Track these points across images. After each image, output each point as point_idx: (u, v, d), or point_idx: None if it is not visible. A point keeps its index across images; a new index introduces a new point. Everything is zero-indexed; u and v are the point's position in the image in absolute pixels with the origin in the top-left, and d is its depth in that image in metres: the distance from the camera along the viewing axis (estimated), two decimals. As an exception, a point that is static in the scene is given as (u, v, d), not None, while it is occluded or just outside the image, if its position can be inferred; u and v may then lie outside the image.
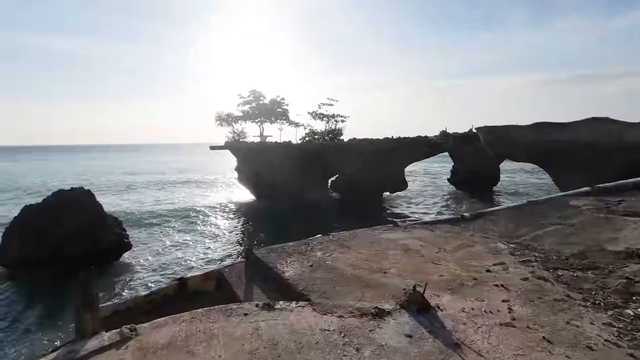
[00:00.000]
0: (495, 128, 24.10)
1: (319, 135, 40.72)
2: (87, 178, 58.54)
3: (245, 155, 37.87)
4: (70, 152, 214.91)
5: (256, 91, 38.20)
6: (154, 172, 68.32)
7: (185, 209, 32.54)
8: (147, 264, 18.96)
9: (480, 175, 39.52)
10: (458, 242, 5.59)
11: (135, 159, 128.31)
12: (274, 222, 24.92)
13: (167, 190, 44.03)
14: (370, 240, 5.76)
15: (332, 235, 6.07)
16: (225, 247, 19.80)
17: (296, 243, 5.73)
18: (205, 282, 4.90)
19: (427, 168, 65.89)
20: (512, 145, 22.96)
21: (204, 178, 62.14)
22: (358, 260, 4.89)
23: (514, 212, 6.87)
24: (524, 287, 3.78)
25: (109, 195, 40.59)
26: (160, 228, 25.14)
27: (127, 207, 33.16)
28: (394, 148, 33.37)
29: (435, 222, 6.80)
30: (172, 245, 21.37)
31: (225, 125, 40.24)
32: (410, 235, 6.04)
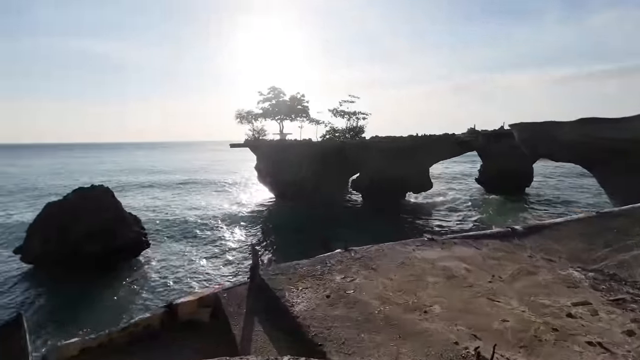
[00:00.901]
0: (533, 125, 22.05)
1: (340, 132, 39.59)
2: (108, 178, 60.52)
3: (265, 153, 37.35)
4: (99, 150, 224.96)
5: (276, 88, 37.56)
6: (175, 171, 69.49)
7: (203, 208, 32.41)
8: (164, 263, 18.63)
9: (511, 175, 36.99)
10: (515, 265, 4.42)
11: (159, 157, 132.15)
12: (291, 227, 23.98)
13: (186, 189, 44.27)
14: (401, 260, 4.69)
15: (354, 252, 5.06)
16: (238, 253, 19.17)
17: (311, 261, 4.76)
18: (199, 309, 4.02)
19: (447, 168, 62.68)
20: (553, 143, 20.88)
21: (223, 177, 62.59)
22: (388, 289, 3.85)
23: (581, 226, 5.57)
24: (634, 349, 2.62)
25: (129, 193, 41.38)
26: (179, 227, 24.95)
27: (146, 206, 33.49)
28: (419, 146, 31.69)
29: (480, 237, 5.62)
30: (188, 246, 21.05)
31: (245, 122, 39.93)
32: (450, 254, 4.92)
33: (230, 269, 16.54)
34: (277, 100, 37.59)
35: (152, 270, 17.21)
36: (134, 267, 17.67)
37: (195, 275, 16.18)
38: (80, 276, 16.12)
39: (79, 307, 13.69)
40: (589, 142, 19.63)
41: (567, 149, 21.01)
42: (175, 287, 15.10)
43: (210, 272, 16.52)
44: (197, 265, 17.84)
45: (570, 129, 20.08)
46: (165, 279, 16.07)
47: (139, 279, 16.10)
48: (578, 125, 19.45)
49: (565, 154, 21.33)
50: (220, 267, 17.03)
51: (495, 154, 36.99)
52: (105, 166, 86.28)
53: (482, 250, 5.04)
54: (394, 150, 31.93)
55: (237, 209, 31.06)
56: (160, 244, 21.29)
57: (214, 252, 19.69)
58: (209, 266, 17.15)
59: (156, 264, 18.00)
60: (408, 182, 33.62)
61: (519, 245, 5.19)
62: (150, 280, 16.05)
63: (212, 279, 15.32)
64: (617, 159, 18.44)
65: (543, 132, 21.49)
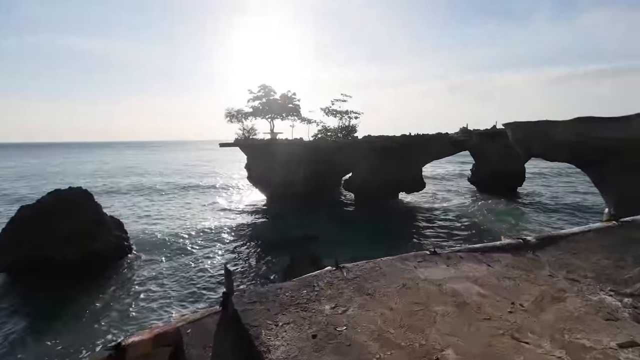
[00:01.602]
0: (527, 124, 21.70)
1: (332, 132, 38.95)
2: (88, 180, 58.61)
3: (255, 153, 36.46)
4: (89, 149, 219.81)
5: (266, 86, 36.69)
6: (162, 172, 67.65)
7: (189, 212, 31.35)
8: (146, 271, 17.70)
9: (504, 175, 36.88)
10: (535, 287, 3.76)
11: (147, 157, 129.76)
12: (279, 233, 23.01)
13: (172, 192, 42.80)
14: (402, 282, 3.99)
15: (346, 270, 4.34)
16: (220, 264, 18.15)
17: (296, 283, 4.03)
18: (156, 350, 3.24)
19: (438, 169, 62.45)
20: (547, 143, 20.55)
21: (210, 178, 61.40)
22: (388, 323, 3.14)
23: (601, 237, 4.95)
24: None
25: (112, 195, 39.93)
26: (162, 233, 23.90)
27: (130, 209, 32.23)
28: (412, 146, 31.23)
29: (489, 250, 4.97)
30: (172, 250, 20.11)
31: (235, 121, 38.97)
32: (458, 272, 4.24)
33: (212, 282, 15.59)
34: (268, 98, 36.72)
35: (132, 278, 16.27)
36: (113, 274, 16.70)
37: (178, 286, 15.22)
38: (55, 284, 15.15)
39: (52, 318, 12.75)
40: (583, 141, 19.35)
41: (562, 149, 20.71)
42: (156, 297, 14.21)
43: (195, 280, 15.62)
44: (180, 274, 16.94)
45: (565, 128, 19.79)
46: (146, 288, 15.16)
47: (118, 288, 15.16)
48: (573, 124, 19.15)
49: (559, 153, 21.04)
50: (203, 277, 16.09)
51: (488, 153, 36.83)
52: (93, 166, 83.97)
53: (495, 267, 4.38)
54: (386, 150, 31.41)
55: (225, 214, 29.96)
56: (142, 250, 20.30)
57: (198, 259, 18.77)
58: (193, 276, 16.22)
59: (137, 271, 17.06)
60: (401, 182, 33.19)
61: (534, 261, 4.54)
62: (130, 289, 15.13)
63: (196, 292, 14.41)
64: (612, 158, 18.19)
65: (537, 132, 21.16)
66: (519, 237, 5.28)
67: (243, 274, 15.81)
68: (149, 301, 13.71)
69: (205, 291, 14.40)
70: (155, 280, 15.95)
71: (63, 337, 11.38)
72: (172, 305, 13.23)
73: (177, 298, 13.86)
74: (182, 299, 13.75)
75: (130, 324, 11.94)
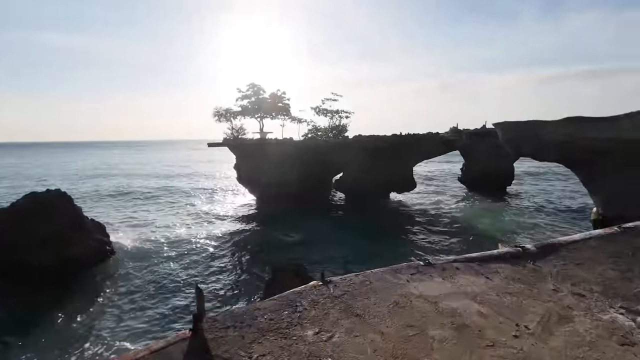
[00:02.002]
0: (517, 124, 21.67)
1: (322, 131, 38.54)
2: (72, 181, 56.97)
3: (244, 153, 35.80)
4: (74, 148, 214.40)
5: (255, 85, 36.02)
6: (149, 173, 65.93)
7: (176, 214, 30.51)
8: (125, 276, 16.93)
9: (494, 175, 37.09)
10: (539, 305, 3.43)
11: (135, 157, 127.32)
12: (266, 239, 21.81)
13: (158, 193, 41.58)
14: (393, 300, 3.61)
15: (333, 286, 3.94)
16: (206, 271, 17.01)
17: (277, 302, 3.61)
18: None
19: (427, 168, 62.33)
20: (537, 143, 20.55)
21: (200, 178, 60.43)
22: (379, 352, 2.75)
23: (604, 245, 4.67)
24: None
25: (96, 198, 38.69)
26: (145, 235, 23.09)
27: (114, 212, 31.16)
28: (403, 145, 31.06)
29: (487, 259, 4.63)
30: (154, 255, 19.34)
31: (224, 120, 38.18)
32: (455, 286, 3.89)
33: (192, 295, 14.75)
34: (257, 97, 36.07)
35: (109, 286, 15.51)
36: (90, 281, 15.94)
37: (155, 299, 14.23)
38: (28, 289, 14.35)
39: (21, 325, 12.00)
40: (572, 141, 19.39)
41: (551, 149, 20.74)
42: (130, 309, 13.51)
43: (174, 291, 14.88)
44: (159, 284, 16.21)
45: (554, 128, 19.81)
46: (122, 299, 14.45)
47: (93, 298, 14.39)
48: (562, 124, 19.18)
49: (549, 153, 21.07)
50: (183, 289, 15.13)
51: (478, 153, 36.97)
52: (77, 166, 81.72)
53: (494, 280, 4.03)
54: (377, 150, 31.17)
55: (211, 217, 28.93)
56: (125, 254, 19.54)
57: (181, 267, 18.01)
58: (172, 286, 15.36)
59: (116, 279, 16.30)
60: (392, 181, 33.01)
61: (535, 272, 4.21)
62: (106, 299, 14.37)
63: (173, 305, 13.69)
64: (601, 158, 18.29)
65: (527, 131, 21.16)
66: (517, 245, 4.97)
67: (223, 288, 14.77)
68: (123, 312, 12.91)
69: (182, 304, 13.57)
70: (132, 290, 14.99)
71: (29, 346, 10.72)
72: (144, 319, 12.47)
73: (152, 312, 12.94)
74: (157, 314, 12.75)
75: (101, 338, 11.28)
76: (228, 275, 16.47)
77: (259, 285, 14.08)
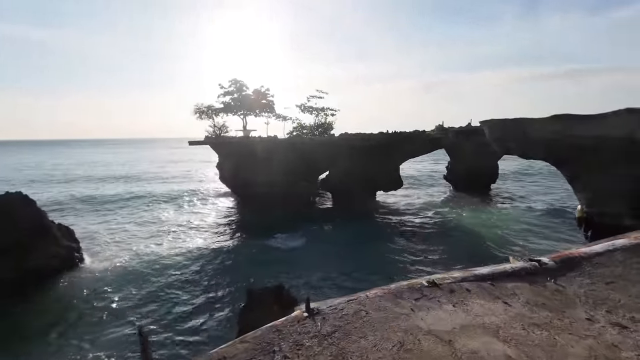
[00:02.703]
0: (505, 121, 21.47)
1: (308, 129, 37.68)
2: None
3: (227, 152, 34.54)
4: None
5: (237, 80, 34.73)
6: (126, 174, 62.68)
7: (157, 216, 28.91)
8: (93, 288, 15.46)
9: (479, 172, 37.21)
10: (577, 342, 2.75)
11: (121, 155, 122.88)
12: (247, 249, 19.89)
13: (134, 195, 38.97)
14: (397, 339, 2.86)
15: (320, 318, 3.17)
16: (178, 290, 14.86)
17: (249, 346, 2.80)
18: None
19: (412, 167, 61.99)
20: (526, 140, 20.39)
21: (180, 178, 58.55)
22: None
23: (633, 258, 4.07)
24: None
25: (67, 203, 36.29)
26: (123, 238, 21.68)
27: (85, 216, 29.08)
28: (390, 144, 30.59)
29: (499, 277, 3.96)
30: (133, 262, 18.07)
31: (206, 118, 36.72)
32: (470, 316, 3.18)
33: (160, 318, 12.75)
34: (240, 94, 34.81)
35: (74, 300, 14.12)
36: (54, 292, 14.54)
37: (119, 320, 12.61)
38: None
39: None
40: (559, 139, 19.29)
41: (538, 146, 20.64)
42: (103, 321, 12.33)
43: (141, 312, 13.39)
44: (135, 286, 15.05)
45: (542, 125, 19.67)
46: (92, 310, 13.22)
47: (55, 312, 13.01)
48: (549, 121, 19.06)
49: (536, 151, 20.97)
50: (150, 309, 13.41)
51: (463, 151, 36.96)
52: (41, 167, 77.37)
53: (514, 305, 3.35)
54: (364, 148, 30.59)
55: (190, 223, 26.64)
56: (96, 261, 18.18)
57: (154, 281, 16.67)
58: (142, 305, 13.75)
59: (82, 291, 14.93)
60: (378, 180, 32.54)
61: (560, 294, 3.56)
62: (68, 315, 12.96)
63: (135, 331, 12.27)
64: (587, 156, 18.26)
65: (514, 129, 20.99)
66: (532, 258, 4.32)
67: (185, 320, 12.52)
68: (83, 335, 11.61)
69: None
70: (98, 305, 13.60)
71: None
72: (102, 343, 11.19)
73: (113, 335, 11.71)
74: (115, 339, 11.53)
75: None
76: (196, 299, 14.07)
77: (231, 317, 12.01)
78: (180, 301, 14.01)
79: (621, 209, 19.58)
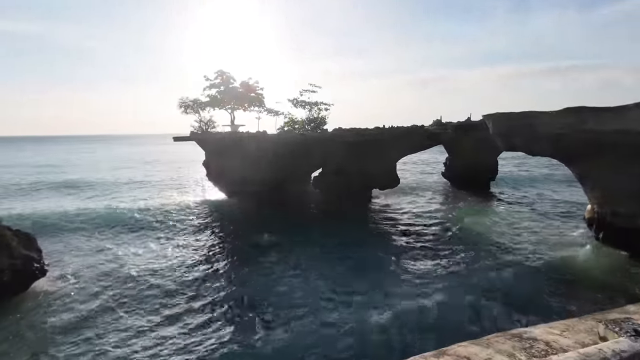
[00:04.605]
0: (510, 115, 19.84)
1: (300, 124, 35.78)
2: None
3: (214, 148, 32.57)
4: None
5: (224, 72, 32.62)
6: (98, 172, 57.80)
7: (133, 218, 26.28)
8: (66, 297, 13.82)
9: (479, 169, 35.73)
10: None
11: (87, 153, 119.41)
12: (231, 265, 17.27)
13: (112, 193, 36.38)
14: None
15: None
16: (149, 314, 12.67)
17: None
18: None
19: (407, 163, 58.99)
20: (532, 135, 18.81)
21: (163, 176, 56.34)
22: None
23: None
24: None
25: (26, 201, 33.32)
26: (90, 243, 19.65)
27: (51, 215, 26.19)
28: (386, 139, 28.88)
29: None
30: (102, 271, 16.23)
31: (191, 112, 34.65)
32: None
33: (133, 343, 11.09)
34: (226, 86, 32.74)
35: (40, 311, 12.31)
36: (12, 311, 12.69)
37: (84, 343, 11.09)
38: None
39: None
40: (569, 133, 17.74)
41: (545, 142, 19.07)
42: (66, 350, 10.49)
43: (109, 334, 11.54)
44: (106, 299, 13.24)
45: (551, 119, 18.07)
46: (60, 323, 11.39)
47: (13, 335, 11.18)
48: (560, 115, 17.47)
49: (543, 146, 19.40)
50: (119, 331, 11.74)
51: (462, 147, 35.40)
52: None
53: None
54: (358, 144, 28.83)
55: (172, 228, 23.98)
56: (61, 273, 16.29)
57: (134, 279, 15.05)
58: (109, 326, 11.89)
59: (51, 300, 13.13)
60: (374, 178, 30.86)
61: None
62: (33, 327, 11.19)
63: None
64: (601, 152, 16.75)
65: (520, 123, 19.38)
66: (623, 326, 2.60)
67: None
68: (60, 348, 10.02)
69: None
70: (72, 309, 12.15)
71: None
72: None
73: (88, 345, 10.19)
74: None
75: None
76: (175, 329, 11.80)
77: (215, 330, 10.59)
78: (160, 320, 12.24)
79: (636, 210, 18.08)
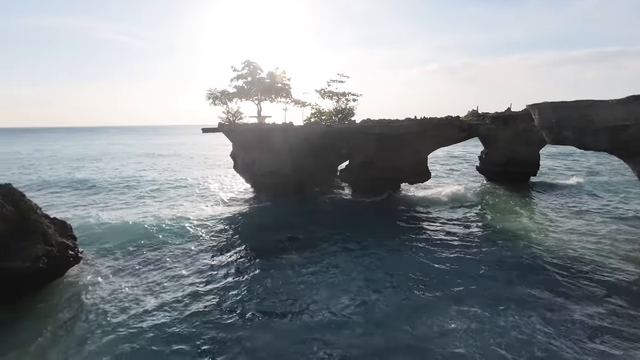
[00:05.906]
0: (561, 105, 17.85)
1: (327, 115, 34.88)
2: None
3: (241, 139, 32.51)
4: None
5: (251, 62, 32.25)
6: (123, 166, 56.12)
7: (161, 210, 26.63)
8: (99, 287, 14.10)
9: (519, 163, 33.20)
10: None
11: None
12: (254, 270, 16.20)
13: (140, 187, 36.64)
14: None
15: None
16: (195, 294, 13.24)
17: None
18: None
19: (437, 156, 55.92)
20: (587, 127, 16.81)
21: (193, 169, 57.50)
22: None
23: None
24: None
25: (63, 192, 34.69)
26: (121, 236, 20.00)
27: (87, 208, 26.99)
28: (417, 131, 27.33)
29: None
30: (135, 262, 16.47)
31: (220, 104, 34.76)
32: None
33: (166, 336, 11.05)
34: (254, 77, 32.41)
35: (73, 304, 12.61)
36: (48, 297, 13.11)
37: (139, 320, 11.22)
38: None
39: None
40: (633, 125, 15.65)
41: (602, 135, 16.99)
42: (102, 341, 10.54)
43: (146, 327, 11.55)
44: (144, 289, 13.27)
45: (611, 110, 16.01)
46: (94, 315, 11.57)
47: (49, 321, 11.44)
48: (623, 104, 15.38)
49: (599, 140, 17.29)
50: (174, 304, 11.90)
51: (501, 139, 32.98)
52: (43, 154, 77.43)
53: None
54: (388, 137, 27.52)
55: (202, 220, 23.75)
56: (95, 258, 16.73)
57: (163, 277, 15.05)
58: (146, 318, 11.98)
59: (85, 292, 13.40)
60: (404, 172, 29.48)
61: None
62: (66, 324, 11.39)
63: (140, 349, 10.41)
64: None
65: (573, 114, 17.38)
66: None
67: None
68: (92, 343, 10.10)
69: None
70: (100, 306, 12.33)
71: None
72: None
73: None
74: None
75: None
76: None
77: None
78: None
79: None
